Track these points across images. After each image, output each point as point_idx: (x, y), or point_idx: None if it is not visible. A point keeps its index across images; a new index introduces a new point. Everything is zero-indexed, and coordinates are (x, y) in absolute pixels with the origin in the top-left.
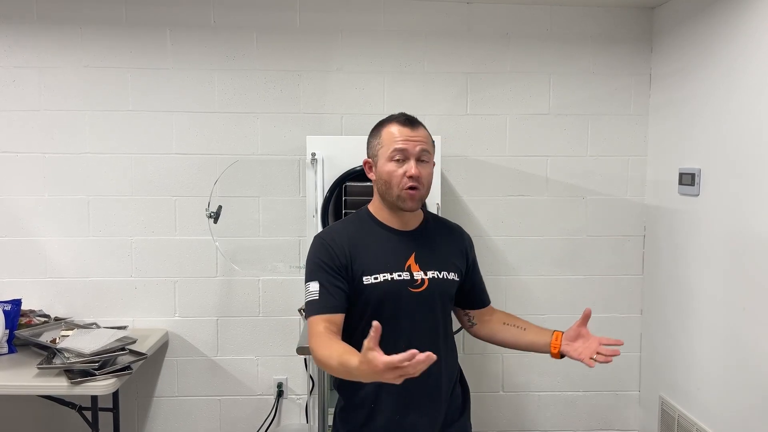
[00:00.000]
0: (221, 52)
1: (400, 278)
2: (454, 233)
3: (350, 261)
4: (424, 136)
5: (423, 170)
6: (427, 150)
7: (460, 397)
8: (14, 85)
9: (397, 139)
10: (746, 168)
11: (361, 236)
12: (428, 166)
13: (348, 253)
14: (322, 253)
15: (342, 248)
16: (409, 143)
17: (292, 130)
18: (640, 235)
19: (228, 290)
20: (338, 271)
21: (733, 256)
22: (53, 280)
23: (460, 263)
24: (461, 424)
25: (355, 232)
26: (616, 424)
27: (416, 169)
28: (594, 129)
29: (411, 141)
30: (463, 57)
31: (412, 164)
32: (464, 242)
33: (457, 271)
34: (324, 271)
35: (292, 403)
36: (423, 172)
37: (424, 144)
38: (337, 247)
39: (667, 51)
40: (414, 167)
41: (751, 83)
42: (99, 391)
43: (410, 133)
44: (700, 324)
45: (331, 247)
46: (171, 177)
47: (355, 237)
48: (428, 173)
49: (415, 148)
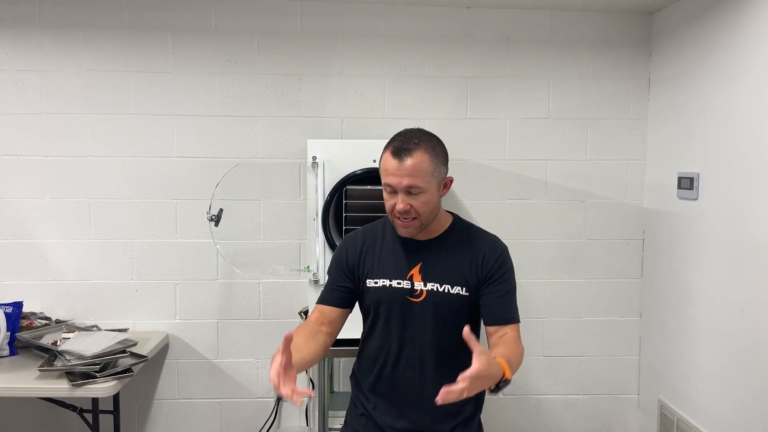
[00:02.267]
0: (222, 56)
1: (399, 286)
2: (472, 245)
3: (359, 264)
4: (411, 169)
5: (414, 202)
6: (415, 184)
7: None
8: (16, 89)
9: (386, 172)
10: (745, 172)
11: (375, 241)
12: (420, 195)
13: (359, 256)
14: (339, 253)
15: (355, 251)
16: (395, 178)
17: (293, 133)
18: (639, 238)
19: (228, 293)
20: (346, 271)
21: (732, 259)
22: (54, 283)
23: (472, 277)
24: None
25: (372, 237)
26: (615, 427)
27: (403, 204)
28: (593, 133)
29: (397, 176)
30: (463, 61)
31: (399, 199)
32: (481, 255)
33: (466, 285)
34: (336, 268)
35: (291, 406)
36: (414, 204)
37: (411, 178)
38: (351, 249)
39: (666, 55)
40: (401, 202)
41: (749, 87)
42: (100, 393)
43: (397, 167)
44: (699, 327)
45: (347, 249)
46: (172, 180)
47: (370, 242)
48: (421, 203)
49: (401, 184)
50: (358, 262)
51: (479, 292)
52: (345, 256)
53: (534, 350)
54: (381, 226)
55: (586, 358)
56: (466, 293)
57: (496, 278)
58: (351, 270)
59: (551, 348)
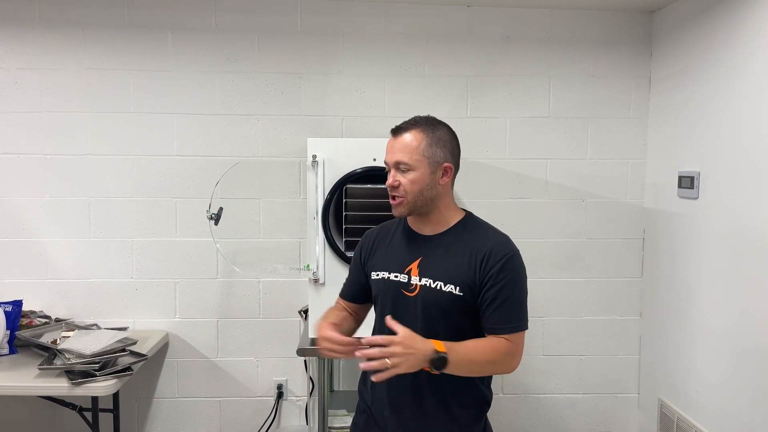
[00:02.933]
0: (223, 55)
1: (396, 279)
2: (477, 244)
3: (369, 257)
4: (401, 145)
5: (402, 178)
6: (402, 160)
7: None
8: (16, 87)
9: (385, 150)
10: (746, 171)
11: (386, 235)
12: (409, 173)
13: (370, 250)
14: (357, 248)
15: (369, 245)
16: (388, 155)
17: (293, 132)
18: (639, 237)
19: (228, 292)
20: (360, 265)
21: (733, 259)
22: (54, 281)
23: (469, 278)
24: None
25: (386, 232)
26: (615, 426)
27: (391, 178)
28: (594, 132)
29: (390, 153)
30: (464, 60)
31: (390, 175)
32: (483, 255)
33: (462, 285)
34: (353, 262)
35: (292, 404)
36: (402, 180)
37: (400, 153)
38: (366, 243)
39: (667, 54)
40: (390, 177)
41: (750, 86)
42: (99, 392)
43: (392, 144)
44: (699, 327)
45: (364, 243)
46: (172, 179)
47: (382, 236)
48: (408, 180)
49: (392, 160)
50: (368, 255)
51: (479, 295)
52: (360, 251)
53: (534, 349)
54: (397, 222)
55: (586, 358)
56: (460, 293)
57: (493, 282)
58: (363, 264)
59: (551, 347)
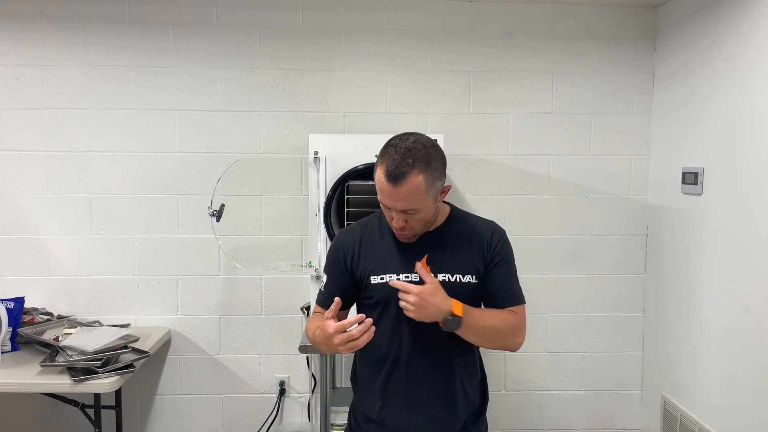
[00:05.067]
0: (224, 51)
1: (407, 280)
2: (476, 232)
3: (357, 262)
4: (405, 194)
5: (411, 218)
6: (410, 207)
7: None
8: (17, 84)
9: (381, 191)
10: (750, 167)
11: (372, 237)
12: (417, 214)
13: (355, 255)
14: (335, 253)
15: (350, 249)
16: (390, 201)
17: (295, 128)
18: (642, 234)
19: (230, 288)
20: (343, 270)
21: (736, 255)
22: (56, 278)
23: (479, 263)
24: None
25: (369, 233)
26: (618, 423)
27: (398, 222)
28: (597, 128)
29: (392, 199)
30: (466, 56)
31: (395, 217)
32: (485, 241)
33: (476, 272)
34: (334, 269)
35: (294, 401)
36: (411, 220)
37: (405, 202)
38: (346, 248)
39: (671, 49)
40: (396, 221)
41: (754, 81)
42: (102, 389)
43: (391, 191)
44: (702, 323)
45: (341, 248)
46: (173, 175)
47: (366, 238)
48: (417, 220)
49: (395, 206)
50: (357, 260)
51: (485, 277)
52: (342, 256)
53: (537, 346)
54: (377, 221)
55: (589, 354)
56: (476, 281)
57: (499, 261)
58: (350, 270)
59: (554, 344)
